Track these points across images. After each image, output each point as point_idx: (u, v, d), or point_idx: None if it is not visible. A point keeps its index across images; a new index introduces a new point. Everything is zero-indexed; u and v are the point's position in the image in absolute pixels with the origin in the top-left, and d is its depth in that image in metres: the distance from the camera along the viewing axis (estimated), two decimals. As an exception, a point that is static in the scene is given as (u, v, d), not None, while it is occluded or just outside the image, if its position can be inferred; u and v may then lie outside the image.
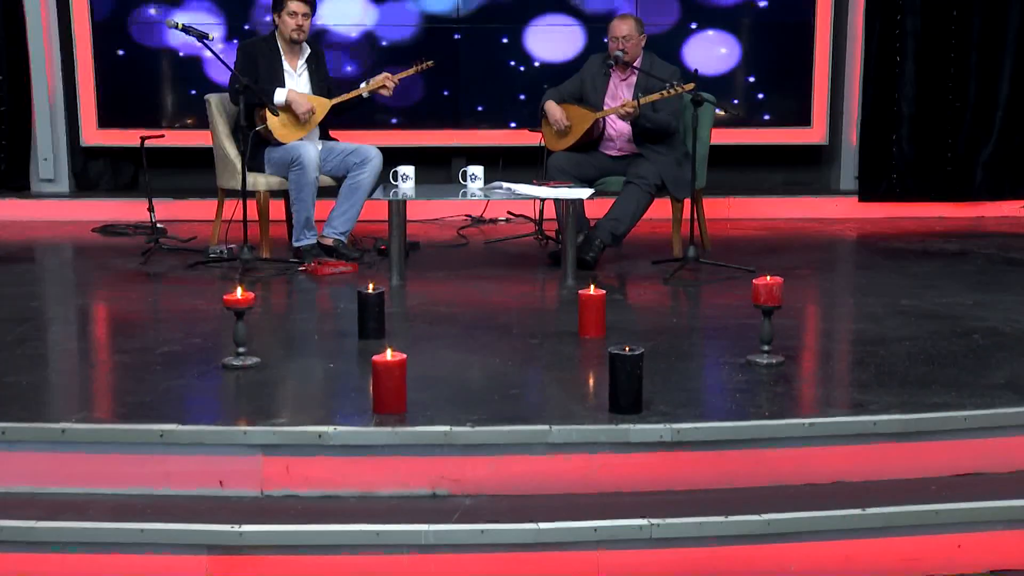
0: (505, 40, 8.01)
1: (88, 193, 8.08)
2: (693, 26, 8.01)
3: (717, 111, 6.41)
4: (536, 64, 8.01)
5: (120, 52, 7.89)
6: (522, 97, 7.98)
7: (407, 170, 5.96)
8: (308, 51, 6.24)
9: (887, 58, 7.79)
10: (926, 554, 3.24)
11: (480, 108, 8.09)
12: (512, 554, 3.12)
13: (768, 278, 3.99)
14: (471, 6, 7.96)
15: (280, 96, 6.01)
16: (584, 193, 5.66)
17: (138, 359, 4.15)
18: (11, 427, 3.38)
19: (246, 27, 7.81)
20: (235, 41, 7.60)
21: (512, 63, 8.03)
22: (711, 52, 8.06)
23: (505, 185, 5.80)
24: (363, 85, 6.22)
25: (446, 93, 8.03)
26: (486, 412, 3.52)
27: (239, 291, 3.94)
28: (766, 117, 8.18)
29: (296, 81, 6.18)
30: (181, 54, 7.90)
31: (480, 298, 5.35)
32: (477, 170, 5.97)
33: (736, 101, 8.11)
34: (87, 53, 7.86)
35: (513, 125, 7.94)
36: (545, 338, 4.47)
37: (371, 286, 4.41)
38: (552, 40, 7.99)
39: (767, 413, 3.53)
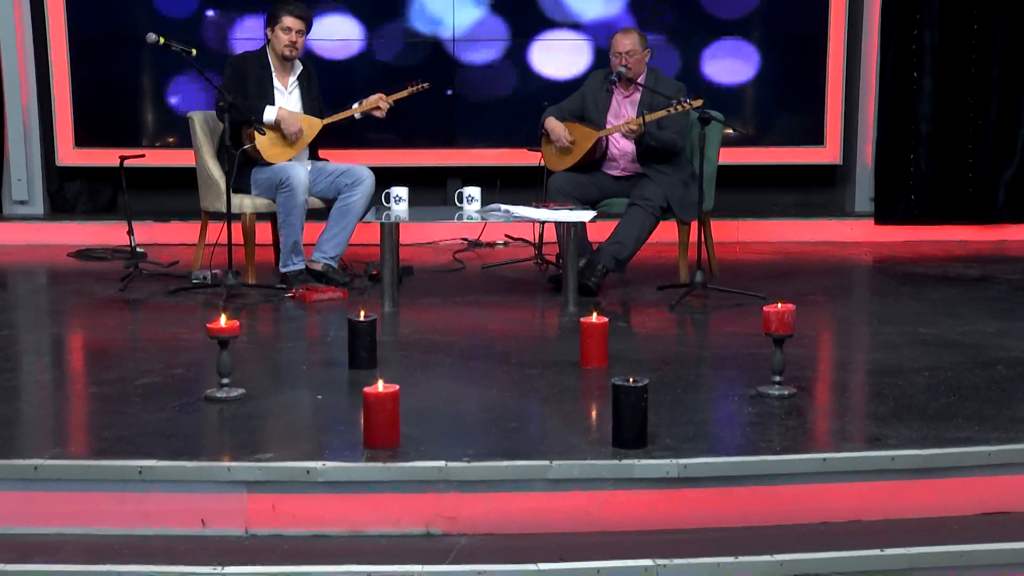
0: (504, 56, 8.04)
1: (64, 215, 8.09)
2: (700, 40, 8.04)
3: (725, 129, 6.43)
4: (536, 81, 8.05)
5: (98, 67, 7.92)
6: (521, 115, 8.00)
7: (400, 191, 5.97)
8: (300, 68, 6.26)
9: (904, 73, 7.82)
10: (948, 597, 3.23)
11: (477, 126, 8.11)
12: (510, 597, 3.10)
13: (779, 305, 3.99)
14: (468, 20, 7.99)
15: (270, 114, 6.03)
16: (586, 215, 5.67)
17: (116, 391, 4.14)
18: (-19, 463, 3.36)
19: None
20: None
21: (511, 80, 8.06)
22: (719, 67, 8.09)
23: (503, 207, 5.81)
24: (356, 105, 6.25)
25: (442, 111, 8.05)
26: (483, 446, 3.51)
27: (223, 319, 3.94)
28: (777, 135, 8.21)
29: (287, 99, 6.20)
30: (163, 70, 7.92)
31: (477, 326, 5.35)
32: (474, 191, 5.98)
33: (745, 119, 8.14)
34: (63, 68, 7.88)
35: (510, 142, 7.99)
36: (545, 368, 4.46)
37: (362, 313, 4.41)
38: (553, 56, 8.03)
39: (779, 448, 3.52)
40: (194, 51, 5.72)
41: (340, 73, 7.91)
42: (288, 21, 6.10)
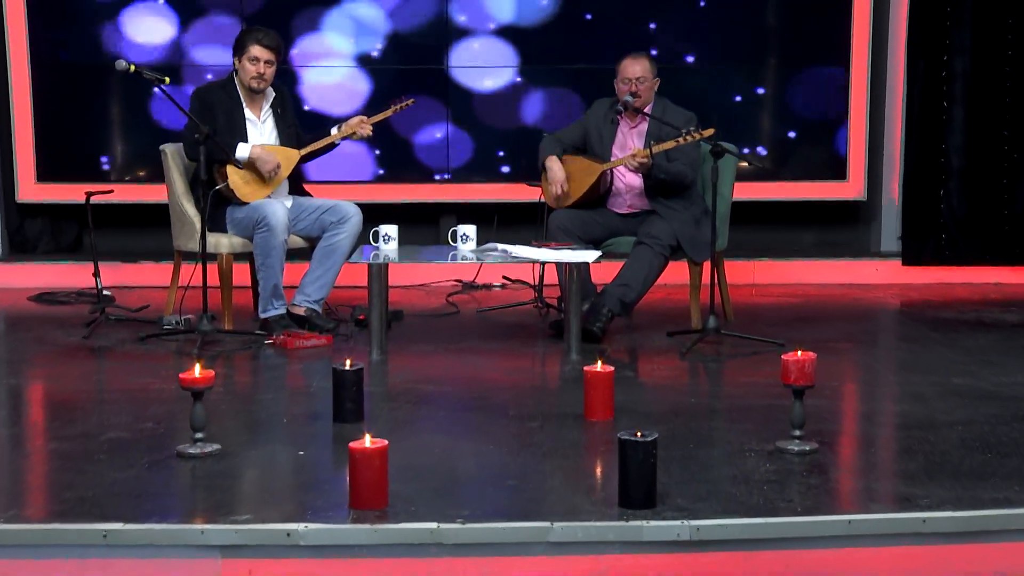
0: (500, 82, 8.08)
1: (24, 256, 8.10)
2: (711, 66, 8.09)
3: (740, 162, 6.46)
4: (535, 109, 8.08)
5: (63, 96, 7.95)
6: (520, 146, 8.03)
7: (389, 230, 5.98)
8: (272, 95, 6.28)
9: (933, 103, 7.87)
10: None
11: (472, 159, 8.14)
12: (508, 672, 3.09)
13: (799, 353, 3.99)
14: (461, 43, 8.04)
15: (243, 152, 6.05)
16: (590, 256, 5.68)
17: (79, 447, 4.13)
18: (-68, 527, 3.35)
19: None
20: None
21: (509, 108, 8.09)
22: (736, 95, 8.14)
23: (500, 247, 5.82)
24: (334, 131, 6.28)
25: (435, 140, 8.08)
26: (479, 506, 3.50)
27: (197, 368, 3.94)
28: (796, 169, 8.24)
29: (260, 129, 6.23)
30: (133, 100, 7.96)
31: (472, 375, 5.34)
32: (469, 229, 5.99)
33: (762, 151, 8.18)
34: (25, 98, 7.91)
35: (507, 171, 8.02)
36: (546, 421, 4.46)
37: (348, 362, 4.41)
38: (552, 83, 8.06)
39: (800, 508, 3.52)
40: (167, 79, 5.74)
41: (324, 94, 7.95)
42: (255, 51, 6.11)
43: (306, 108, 7.86)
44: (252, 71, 6.11)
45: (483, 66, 8.02)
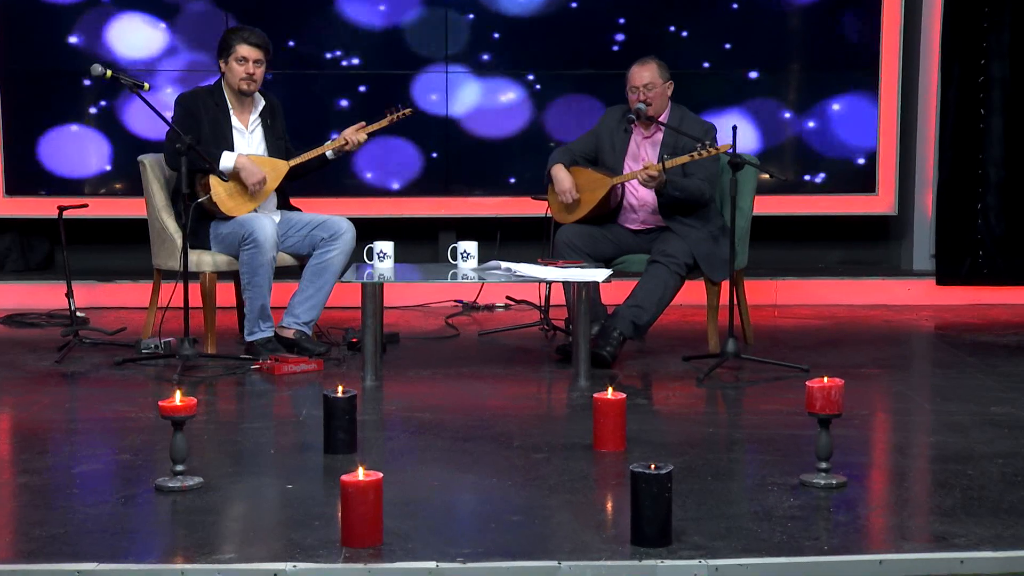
0: (504, 89, 8.10)
1: (-8, 275, 8.12)
2: (732, 71, 8.12)
3: (761, 174, 6.46)
4: (542, 119, 8.10)
5: (33, 103, 7.97)
6: (524, 158, 8.05)
7: (385, 246, 5.99)
8: (262, 103, 6.30)
9: (969, 111, 7.88)
10: None
11: (473, 171, 8.15)
12: None
13: (825, 379, 3.99)
14: (462, 49, 8.06)
15: (227, 161, 6.05)
16: (599, 275, 5.69)
17: (50, 481, 4.13)
18: None
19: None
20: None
21: (512, 117, 8.11)
22: (752, 103, 8.16)
23: (504, 265, 5.83)
24: (328, 142, 6.28)
25: (434, 155, 8.10)
26: (480, 544, 3.50)
27: (178, 396, 3.94)
28: (821, 181, 8.25)
29: (248, 139, 6.24)
30: (108, 107, 7.98)
31: (473, 403, 5.34)
32: (470, 246, 6.00)
33: (784, 162, 8.19)
34: (-9, 106, 7.94)
35: (511, 181, 8.03)
36: (552, 452, 4.46)
37: (340, 388, 4.41)
38: (559, 91, 8.08)
39: (827, 547, 3.51)
40: (147, 85, 5.76)
41: (315, 106, 7.97)
42: (243, 50, 6.13)
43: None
44: (240, 72, 6.12)
45: (487, 68, 8.05)
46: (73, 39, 7.93)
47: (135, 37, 7.95)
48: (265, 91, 6.35)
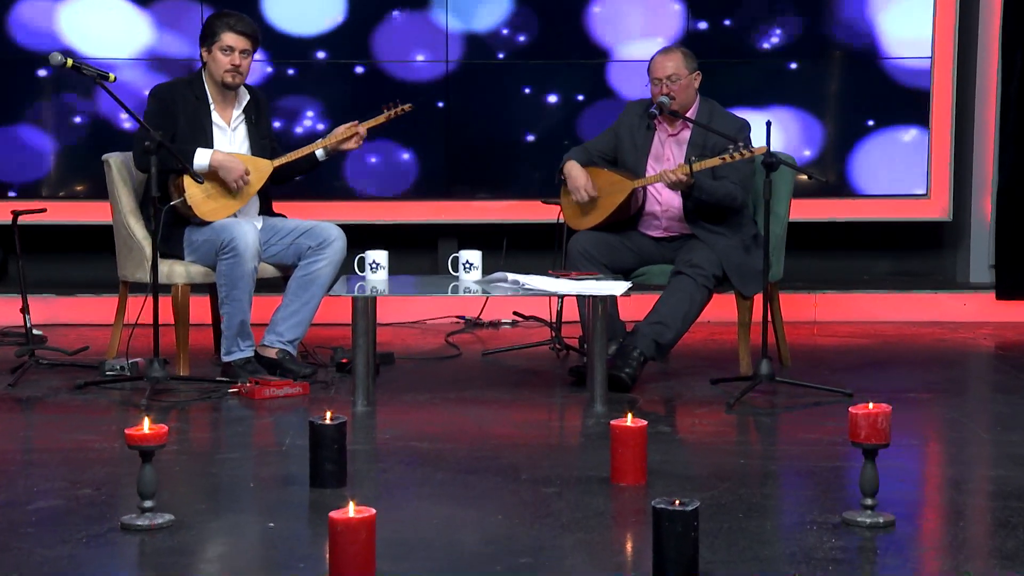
0: (511, 84, 8.12)
1: (-60, 288, 8.13)
2: (769, 65, 8.14)
3: (799, 176, 6.46)
4: (551, 116, 8.12)
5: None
6: (533, 159, 8.06)
7: (378, 256, 6.00)
8: (247, 98, 6.31)
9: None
10: None
11: (477, 173, 8.17)
12: None
13: (871, 405, 3.99)
14: (463, 38, 8.08)
15: (202, 159, 6.04)
16: (618, 288, 5.69)
17: (2, 519, 4.14)
18: None
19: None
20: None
21: (520, 114, 8.13)
22: (793, 96, 8.17)
23: (511, 276, 5.84)
24: (319, 140, 6.29)
25: (433, 154, 8.11)
26: (484, 590, 3.51)
27: (146, 423, 3.95)
28: (867, 184, 8.25)
29: (230, 137, 6.25)
30: (69, 101, 8.00)
31: (476, 430, 5.35)
32: (473, 256, 6.01)
33: (825, 162, 8.20)
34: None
35: (519, 183, 8.04)
36: (565, 486, 4.46)
37: (328, 415, 4.42)
38: (572, 85, 8.10)
39: (872, 592, 3.52)
40: (112, 76, 5.76)
41: (305, 106, 8.00)
42: (229, 39, 6.13)
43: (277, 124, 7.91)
44: (226, 63, 6.13)
45: (490, 61, 8.07)
46: (30, 22, 7.95)
47: (94, 22, 7.97)
48: (252, 86, 6.37)
